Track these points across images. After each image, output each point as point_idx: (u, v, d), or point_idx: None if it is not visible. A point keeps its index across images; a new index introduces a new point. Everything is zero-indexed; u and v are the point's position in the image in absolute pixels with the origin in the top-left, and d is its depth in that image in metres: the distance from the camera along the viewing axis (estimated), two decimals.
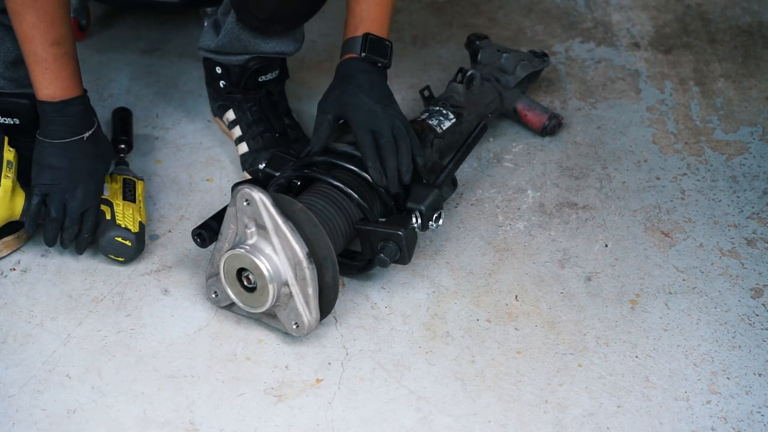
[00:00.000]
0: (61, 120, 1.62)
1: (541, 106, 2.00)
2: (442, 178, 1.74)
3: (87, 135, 1.64)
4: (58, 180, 1.64)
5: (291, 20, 1.79)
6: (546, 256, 1.76)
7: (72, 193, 1.65)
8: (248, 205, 1.53)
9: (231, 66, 1.88)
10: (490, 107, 1.95)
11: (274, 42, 1.84)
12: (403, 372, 1.56)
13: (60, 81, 1.60)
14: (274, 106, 1.91)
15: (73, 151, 1.64)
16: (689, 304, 1.67)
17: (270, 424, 1.49)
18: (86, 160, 1.65)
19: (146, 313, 1.65)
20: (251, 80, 1.88)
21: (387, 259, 1.60)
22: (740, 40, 2.29)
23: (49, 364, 1.57)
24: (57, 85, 1.60)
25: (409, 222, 1.62)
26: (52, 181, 1.64)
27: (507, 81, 1.99)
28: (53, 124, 1.62)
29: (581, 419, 1.49)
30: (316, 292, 1.54)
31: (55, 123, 1.62)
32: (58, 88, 1.60)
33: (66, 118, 1.62)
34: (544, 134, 1.99)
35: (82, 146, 1.65)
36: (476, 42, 2.05)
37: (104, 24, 2.33)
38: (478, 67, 2.01)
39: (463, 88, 1.92)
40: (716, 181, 1.91)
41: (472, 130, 1.85)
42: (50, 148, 1.63)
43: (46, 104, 1.61)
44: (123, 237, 1.70)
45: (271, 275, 1.53)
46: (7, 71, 1.73)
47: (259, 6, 1.71)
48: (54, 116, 1.62)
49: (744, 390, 1.53)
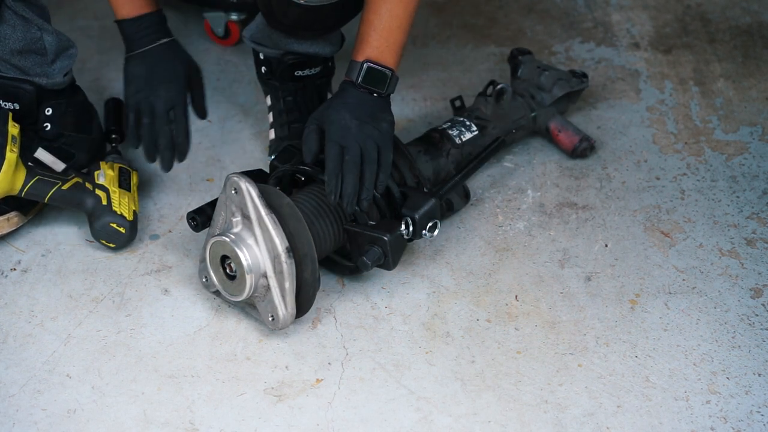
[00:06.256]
0: (138, 34, 1.74)
1: (574, 127, 1.96)
2: (445, 189, 1.74)
3: (166, 40, 1.76)
4: (140, 87, 1.73)
5: (318, 28, 1.77)
6: (546, 256, 1.76)
7: (155, 94, 1.72)
8: (236, 194, 1.55)
9: (268, 56, 1.90)
10: (519, 123, 1.93)
11: (307, 44, 1.84)
12: (403, 372, 1.56)
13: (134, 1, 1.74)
14: (310, 99, 1.92)
15: (150, 57, 1.75)
16: (689, 304, 1.67)
17: (270, 424, 1.49)
18: (164, 64, 1.75)
19: (146, 313, 1.65)
20: (287, 73, 1.90)
21: (369, 262, 1.59)
22: (740, 40, 2.29)
23: (50, 364, 1.57)
24: (132, 4, 1.74)
25: (397, 228, 1.61)
26: (137, 90, 1.73)
27: (543, 99, 1.96)
28: (132, 39, 1.75)
29: (581, 419, 1.49)
30: (293, 287, 1.55)
31: (133, 38, 1.75)
32: (133, 7, 1.74)
33: (141, 31, 1.74)
34: (574, 156, 1.95)
35: (159, 51, 1.75)
36: (518, 57, 2.04)
37: (104, 24, 2.33)
38: (516, 82, 2.00)
39: (491, 101, 1.91)
40: (716, 181, 1.91)
41: (488, 144, 1.84)
42: (131, 60, 1.75)
43: (126, 21, 1.74)
44: (118, 224, 1.72)
45: (249, 266, 1.54)
46: (14, 58, 1.74)
47: (284, 14, 1.71)
48: (132, 31, 1.75)
49: (744, 390, 1.53)
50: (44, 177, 1.71)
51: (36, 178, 1.71)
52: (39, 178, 1.71)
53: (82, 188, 1.74)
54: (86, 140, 1.85)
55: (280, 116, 1.93)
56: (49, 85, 1.77)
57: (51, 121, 1.79)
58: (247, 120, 2.07)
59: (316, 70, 1.91)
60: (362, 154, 1.60)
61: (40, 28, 1.72)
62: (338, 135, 1.61)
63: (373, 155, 1.61)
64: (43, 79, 1.76)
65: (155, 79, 1.73)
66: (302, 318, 1.62)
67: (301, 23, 1.73)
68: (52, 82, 1.77)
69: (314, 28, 1.77)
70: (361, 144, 1.61)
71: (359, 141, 1.61)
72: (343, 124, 1.62)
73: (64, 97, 1.81)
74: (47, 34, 1.73)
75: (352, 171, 1.59)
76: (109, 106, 2.00)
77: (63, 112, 1.80)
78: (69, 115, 1.81)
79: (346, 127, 1.61)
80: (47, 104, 1.79)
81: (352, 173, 1.59)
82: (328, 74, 1.94)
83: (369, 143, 1.61)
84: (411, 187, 1.70)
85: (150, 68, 1.74)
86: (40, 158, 1.72)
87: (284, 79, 1.90)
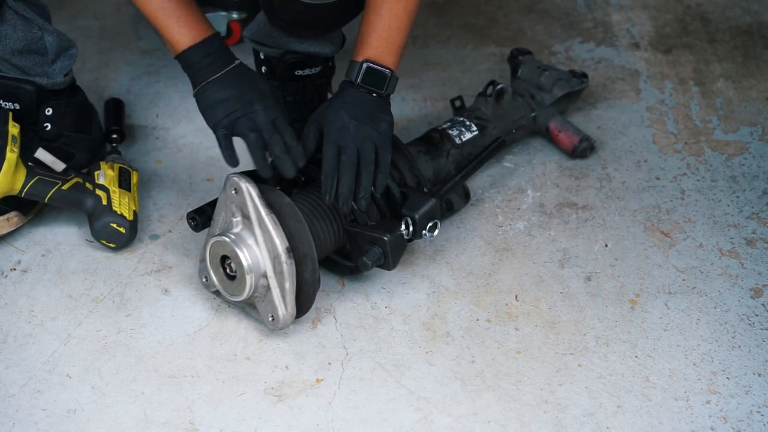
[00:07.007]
0: (209, 58, 1.65)
1: (574, 128, 1.96)
2: (445, 189, 1.74)
3: (237, 62, 1.67)
4: (231, 108, 1.63)
5: (320, 27, 1.76)
6: (546, 256, 1.76)
7: (252, 110, 1.63)
8: (236, 194, 1.55)
9: (268, 56, 1.90)
10: (518, 123, 1.93)
11: (307, 43, 1.84)
12: (403, 372, 1.56)
13: (194, 24, 1.66)
14: (310, 99, 1.92)
15: (230, 80, 1.66)
16: (689, 304, 1.67)
17: (270, 424, 1.49)
18: (248, 83, 1.66)
19: (146, 313, 1.65)
20: (287, 72, 1.89)
21: (369, 262, 1.59)
22: (740, 40, 2.29)
23: (50, 364, 1.57)
24: (194, 29, 1.65)
25: (397, 228, 1.61)
26: (227, 112, 1.63)
27: (543, 99, 1.96)
28: (203, 66, 1.65)
29: (581, 419, 1.49)
30: (293, 287, 1.55)
31: (204, 64, 1.66)
32: (196, 32, 1.65)
33: (212, 55, 1.66)
34: (574, 156, 1.95)
35: (239, 72, 1.67)
36: (518, 57, 2.03)
37: (104, 24, 2.33)
38: (517, 82, 2.00)
39: (491, 101, 1.91)
40: (716, 181, 1.91)
41: (488, 144, 1.84)
42: (208, 87, 1.65)
43: (191, 50, 1.65)
44: (118, 223, 1.72)
45: (249, 266, 1.54)
46: (14, 58, 1.74)
47: (285, 11, 1.71)
48: (201, 58, 1.65)
49: (744, 390, 1.53)
50: (44, 177, 1.71)
51: (36, 178, 1.71)
52: (39, 178, 1.71)
53: (82, 188, 1.74)
54: (86, 140, 1.85)
55: None
56: (49, 85, 1.77)
57: (51, 121, 1.79)
58: None
59: (317, 70, 1.91)
60: (360, 154, 1.60)
61: (41, 28, 1.72)
62: (336, 135, 1.61)
63: (370, 155, 1.61)
64: (43, 79, 1.76)
65: (246, 98, 1.65)
66: (302, 318, 1.62)
67: (303, 21, 1.73)
68: (53, 82, 1.78)
69: (315, 27, 1.77)
70: (359, 144, 1.61)
71: (357, 141, 1.61)
72: (341, 124, 1.62)
73: (64, 97, 1.81)
74: (48, 34, 1.73)
75: (349, 171, 1.59)
76: (109, 106, 2.00)
77: (63, 112, 1.80)
78: (69, 115, 1.82)
79: (344, 128, 1.61)
80: (47, 104, 1.79)
81: (348, 173, 1.58)
82: (329, 74, 1.94)
83: (367, 143, 1.61)
84: (411, 187, 1.70)
85: (236, 90, 1.65)
86: (40, 158, 1.72)
87: (284, 78, 1.90)
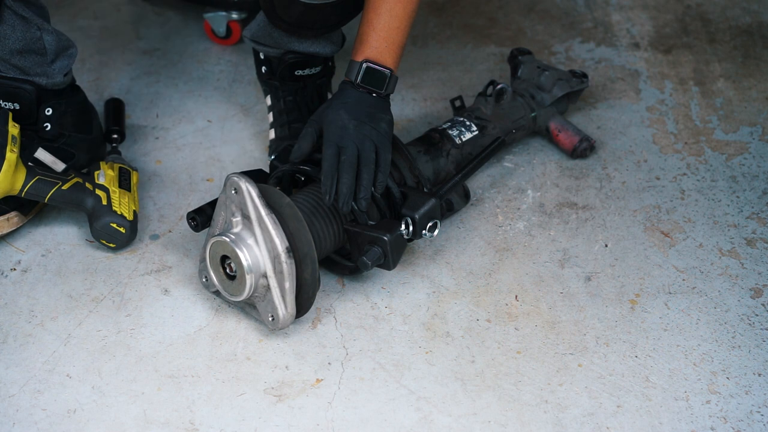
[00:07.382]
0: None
1: (574, 128, 1.96)
2: (445, 189, 1.74)
3: None
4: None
5: (320, 27, 1.77)
6: (546, 256, 1.76)
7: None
8: (236, 194, 1.55)
9: (268, 55, 1.90)
10: (518, 123, 1.93)
11: (308, 42, 1.84)
12: (403, 372, 1.56)
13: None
14: (310, 99, 1.92)
15: None
16: (689, 304, 1.67)
17: (270, 424, 1.49)
18: None
19: (146, 313, 1.65)
20: (287, 72, 1.89)
21: (369, 262, 1.59)
22: (740, 40, 2.29)
23: (50, 364, 1.57)
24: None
25: (397, 228, 1.61)
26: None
27: (543, 99, 1.96)
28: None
29: (581, 419, 1.49)
30: (293, 287, 1.55)
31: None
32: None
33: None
34: (574, 156, 1.94)
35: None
36: (518, 57, 2.03)
37: (104, 24, 2.33)
38: (517, 82, 2.00)
39: (491, 101, 1.91)
40: (716, 181, 1.91)
41: (488, 144, 1.84)
42: None
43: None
44: (118, 223, 1.72)
45: (249, 266, 1.54)
46: (14, 58, 1.74)
47: (286, 12, 1.71)
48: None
49: (744, 390, 1.53)
50: (44, 177, 1.71)
51: (36, 178, 1.71)
52: (39, 178, 1.71)
53: (82, 188, 1.74)
54: (86, 140, 1.85)
55: (280, 116, 1.93)
56: (49, 85, 1.77)
57: (51, 121, 1.79)
58: (247, 120, 2.07)
59: (317, 70, 1.91)
60: (360, 154, 1.60)
61: (40, 28, 1.72)
62: (335, 135, 1.61)
63: (370, 155, 1.61)
64: (43, 79, 1.76)
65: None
66: (302, 318, 1.62)
67: (303, 21, 1.73)
68: (52, 82, 1.77)
69: (315, 27, 1.77)
70: (359, 144, 1.60)
71: (356, 141, 1.60)
72: (340, 124, 1.62)
73: (64, 97, 1.81)
74: (47, 34, 1.73)
75: (348, 171, 1.59)
76: (109, 106, 2.00)
77: (63, 112, 1.80)
78: (69, 115, 1.82)
79: (344, 127, 1.61)
80: (47, 104, 1.79)
81: (348, 173, 1.58)
82: (329, 74, 1.94)
83: (367, 143, 1.61)
84: (411, 187, 1.70)
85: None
86: (40, 158, 1.72)
87: (284, 78, 1.91)
